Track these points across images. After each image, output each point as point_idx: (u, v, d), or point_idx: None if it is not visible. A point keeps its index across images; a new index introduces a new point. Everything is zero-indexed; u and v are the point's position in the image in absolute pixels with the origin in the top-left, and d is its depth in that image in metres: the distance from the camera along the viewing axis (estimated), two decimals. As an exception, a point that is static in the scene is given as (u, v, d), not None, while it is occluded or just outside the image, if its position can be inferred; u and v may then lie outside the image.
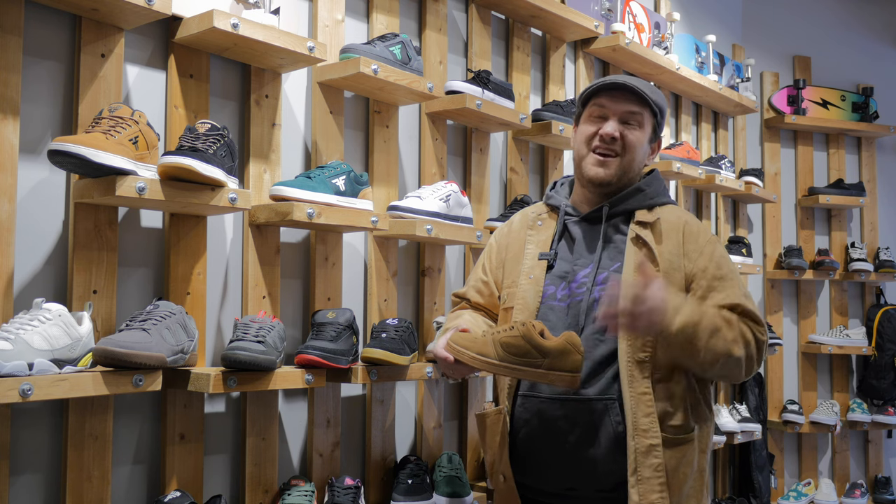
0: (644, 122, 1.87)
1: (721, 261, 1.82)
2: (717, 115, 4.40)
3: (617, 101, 1.85)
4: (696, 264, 1.80)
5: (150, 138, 1.80)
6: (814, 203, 4.59)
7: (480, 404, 2.83)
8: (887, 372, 4.55)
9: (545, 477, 1.82)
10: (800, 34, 4.87)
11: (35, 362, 1.55)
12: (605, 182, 1.85)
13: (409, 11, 2.73)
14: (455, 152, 2.85)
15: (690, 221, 1.88)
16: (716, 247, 1.84)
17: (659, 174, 1.97)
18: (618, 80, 1.86)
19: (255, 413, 2.16)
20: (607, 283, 1.78)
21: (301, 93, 2.39)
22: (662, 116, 1.92)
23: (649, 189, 1.89)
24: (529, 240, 1.95)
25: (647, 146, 1.90)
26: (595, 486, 1.77)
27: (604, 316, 1.65)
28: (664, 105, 1.93)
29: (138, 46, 2.01)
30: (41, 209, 1.82)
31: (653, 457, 1.71)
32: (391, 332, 2.25)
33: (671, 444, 1.73)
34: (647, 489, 1.70)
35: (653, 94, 1.88)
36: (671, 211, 1.89)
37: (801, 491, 4.35)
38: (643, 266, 1.70)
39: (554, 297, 1.84)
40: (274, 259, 2.23)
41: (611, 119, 1.85)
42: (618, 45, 3.31)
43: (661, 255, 1.79)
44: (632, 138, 1.85)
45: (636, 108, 1.85)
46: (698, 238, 1.84)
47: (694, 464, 1.77)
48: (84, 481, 1.81)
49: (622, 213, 1.88)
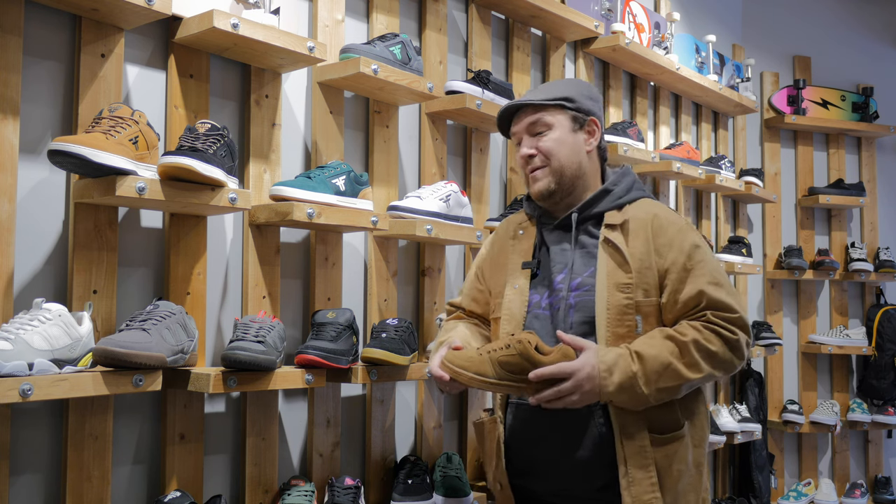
0: (551, 121, 1.87)
1: (691, 250, 1.78)
2: (717, 115, 4.40)
3: (519, 121, 1.92)
4: (667, 259, 1.77)
5: (150, 138, 1.80)
6: (814, 203, 4.59)
7: (481, 405, 2.83)
8: (887, 372, 4.55)
9: (539, 481, 1.85)
10: (800, 34, 4.87)
11: (35, 362, 1.55)
12: (545, 194, 1.88)
13: (409, 11, 2.73)
14: (455, 152, 2.85)
15: (660, 214, 1.83)
16: (686, 235, 1.80)
17: (630, 170, 1.95)
18: (507, 107, 1.92)
19: (255, 413, 2.16)
20: (581, 290, 1.79)
21: (301, 93, 2.39)
22: (575, 100, 1.88)
23: (617, 188, 1.88)
24: (512, 249, 1.97)
25: (573, 136, 1.88)
26: (587, 486, 1.78)
27: (537, 400, 1.66)
28: (571, 90, 1.90)
29: (138, 46, 2.01)
30: (41, 209, 1.82)
31: (643, 457, 1.71)
32: (391, 332, 2.25)
33: (660, 443, 1.73)
34: (640, 490, 1.69)
35: (548, 92, 1.89)
36: (640, 207, 1.86)
37: (801, 491, 4.35)
38: (562, 338, 1.70)
39: (539, 306, 1.86)
40: (274, 259, 2.23)
41: (522, 140, 1.91)
42: (618, 45, 3.31)
43: (633, 256, 1.78)
44: (546, 144, 1.86)
45: (533, 116, 1.89)
46: (668, 231, 1.80)
47: (688, 460, 1.76)
48: (84, 481, 1.81)
49: (593, 217, 1.87)
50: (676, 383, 1.69)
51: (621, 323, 1.74)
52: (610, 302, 1.75)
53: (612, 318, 1.74)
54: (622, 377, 1.66)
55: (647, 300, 1.76)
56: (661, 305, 1.78)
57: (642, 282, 1.76)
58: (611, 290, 1.75)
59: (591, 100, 1.93)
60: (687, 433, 1.77)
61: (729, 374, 1.77)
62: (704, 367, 1.71)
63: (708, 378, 1.73)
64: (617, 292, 1.75)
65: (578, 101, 1.89)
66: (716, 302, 1.74)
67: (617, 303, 1.75)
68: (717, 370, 1.73)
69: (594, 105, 1.93)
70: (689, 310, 1.76)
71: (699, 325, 1.73)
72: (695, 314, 1.75)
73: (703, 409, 1.84)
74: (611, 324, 1.74)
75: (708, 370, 1.71)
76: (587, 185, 1.91)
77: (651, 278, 1.77)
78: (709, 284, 1.75)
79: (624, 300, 1.75)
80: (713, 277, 1.76)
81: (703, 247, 1.81)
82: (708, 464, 1.89)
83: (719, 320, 1.73)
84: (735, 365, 1.76)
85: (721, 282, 1.78)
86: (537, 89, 1.94)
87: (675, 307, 1.77)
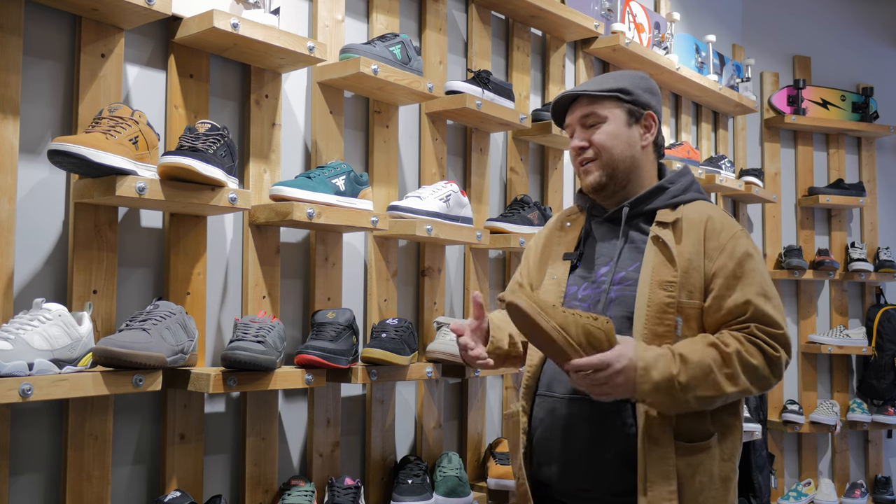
0: (607, 113, 1.83)
1: (743, 258, 1.72)
2: (717, 115, 4.40)
3: (573, 112, 1.87)
4: (715, 263, 1.72)
5: (150, 138, 1.80)
6: (814, 203, 4.59)
7: (481, 405, 2.83)
8: (887, 372, 4.55)
9: (559, 476, 1.79)
10: (800, 34, 4.87)
11: (35, 362, 1.55)
12: (596, 187, 1.84)
13: (409, 11, 2.73)
14: (455, 152, 2.85)
15: (714, 217, 1.78)
16: (738, 242, 1.74)
17: (689, 170, 1.89)
18: (561, 96, 1.88)
19: (255, 413, 2.16)
20: (623, 284, 1.76)
21: (301, 93, 2.39)
22: (632, 93, 1.85)
23: (673, 187, 1.83)
24: (558, 241, 1.95)
25: (628, 130, 1.83)
26: (608, 489, 1.73)
27: (575, 380, 1.60)
28: (627, 82, 1.86)
29: (138, 46, 2.01)
30: (41, 209, 1.82)
31: (664, 464, 1.65)
32: (391, 332, 2.25)
33: (686, 451, 1.67)
34: (657, 497, 1.64)
35: (603, 83, 1.85)
36: (695, 208, 1.80)
37: (801, 491, 4.35)
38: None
39: (575, 297, 1.82)
40: (274, 259, 2.23)
41: (575, 132, 1.87)
42: (618, 45, 3.31)
43: (681, 256, 1.73)
44: (599, 137, 1.82)
45: (587, 108, 1.84)
46: (720, 235, 1.74)
47: (713, 472, 1.69)
48: (84, 481, 1.81)
49: (645, 213, 1.83)
50: (714, 393, 1.63)
51: (661, 321, 1.69)
52: (651, 299, 1.70)
53: (652, 316, 1.69)
54: (661, 377, 1.60)
55: (690, 302, 1.71)
56: (703, 309, 1.72)
57: (687, 282, 1.71)
58: (653, 287, 1.70)
59: (649, 93, 1.87)
60: (716, 445, 1.71)
61: (763, 391, 1.70)
62: (743, 381, 1.64)
63: (744, 392, 1.66)
64: (659, 290, 1.70)
65: (635, 94, 1.84)
66: (762, 315, 1.68)
67: (658, 300, 1.70)
68: (755, 386, 1.67)
69: (652, 98, 1.87)
70: (733, 318, 1.69)
71: (742, 337, 1.66)
72: (738, 324, 1.69)
73: (738, 423, 1.76)
74: (650, 321, 1.69)
75: (745, 384, 1.65)
76: (641, 180, 1.85)
77: (697, 280, 1.72)
78: (758, 295, 1.69)
79: (666, 298, 1.69)
80: (762, 289, 1.70)
81: (756, 256, 1.75)
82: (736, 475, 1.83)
83: (763, 335, 1.67)
84: (772, 383, 1.69)
85: (770, 294, 1.71)
86: (593, 80, 1.89)
87: (717, 313, 1.70)
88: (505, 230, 2.72)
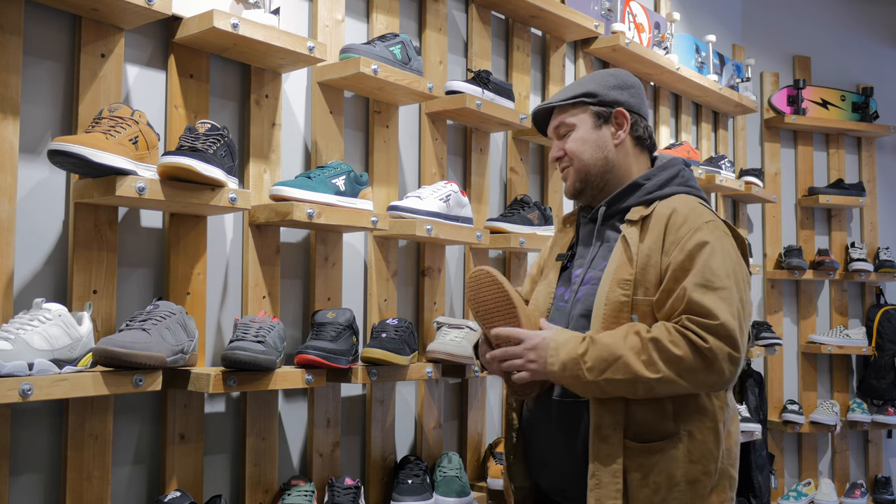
0: (574, 120, 1.85)
1: (694, 249, 1.65)
2: (717, 115, 4.40)
3: (550, 124, 1.93)
4: (670, 257, 1.67)
5: (150, 138, 1.80)
6: (814, 203, 4.59)
7: (481, 405, 2.83)
8: (887, 372, 4.55)
9: (541, 477, 1.85)
10: (800, 34, 4.87)
11: (35, 362, 1.55)
12: (573, 193, 1.88)
13: (409, 11, 2.72)
14: (455, 152, 2.85)
15: (679, 210, 1.72)
16: (696, 234, 1.66)
17: (673, 162, 1.86)
18: (533, 113, 1.95)
19: (255, 413, 2.16)
20: (588, 284, 1.78)
21: (301, 93, 2.39)
22: (597, 94, 1.84)
23: (649, 183, 1.81)
24: (556, 242, 1.99)
25: (597, 133, 1.84)
26: (583, 490, 1.70)
27: (490, 356, 1.72)
28: (593, 84, 1.86)
29: (138, 46, 2.01)
30: (41, 209, 1.82)
31: (612, 462, 1.64)
32: (391, 332, 2.25)
33: (638, 451, 1.65)
34: (604, 495, 1.63)
35: (568, 91, 1.88)
36: (668, 203, 1.75)
37: (801, 491, 4.35)
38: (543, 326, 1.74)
39: (561, 298, 1.85)
40: (274, 259, 2.23)
41: (553, 142, 1.92)
42: (618, 45, 3.31)
43: (640, 253, 1.71)
44: (570, 145, 1.85)
45: (558, 118, 1.89)
46: (680, 229, 1.69)
47: (674, 474, 1.64)
48: (84, 481, 1.81)
49: (621, 211, 1.82)
50: (626, 377, 1.59)
51: (616, 320, 1.68)
52: (609, 297, 1.70)
53: (608, 314, 1.69)
54: (567, 356, 1.62)
55: (645, 299, 1.68)
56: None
57: (644, 279, 1.69)
58: (611, 286, 1.71)
59: (618, 89, 1.86)
60: (681, 445, 1.65)
61: (706, 387, 1.62)
62: (663, 370, 1.58)
63: (670, 383, 1.59)
64: (617, 288, 1.70)
65: (601, 95, 1.84)
66: (695, 305, 1.60)
67: (615, 299, 1.69)
68: (683, 378, 1.58)
69: (621, 94, 1.86)
70: (675, 311, 1.64)
71: (670, 327, 1.61)
72: (677, 316, 1.64)
73: (711, 424, 1.68)
74: (606, 319, 1.69)
75: (667, 373, 1.58)
76: (621, 178, 1.84)
77: (653, 276, 1.69)
78: (696, 286, 1.61)
79: (622, 296, 1.69)
80: (704, 279, 1.61)
81: (715, 246, 1.65)
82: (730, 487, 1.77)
83: (694, 325, 1.59)
84: (708, 378, 1.59)
85: (713, 285, 1.61)
86: (563, 89, 1.92)
87: (662, 308, 1.67)
88: (505, 230, 2.72)
